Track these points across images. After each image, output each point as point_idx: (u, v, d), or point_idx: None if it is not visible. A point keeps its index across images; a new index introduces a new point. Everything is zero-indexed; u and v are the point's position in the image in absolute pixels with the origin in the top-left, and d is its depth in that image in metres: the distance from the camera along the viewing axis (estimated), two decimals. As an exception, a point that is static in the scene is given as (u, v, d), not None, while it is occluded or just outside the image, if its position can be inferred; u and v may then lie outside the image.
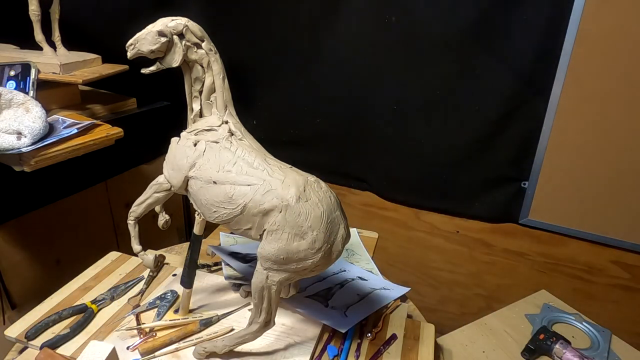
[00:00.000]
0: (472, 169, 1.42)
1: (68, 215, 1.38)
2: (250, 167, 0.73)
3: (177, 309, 0.92)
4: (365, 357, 0.84)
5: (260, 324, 0.75)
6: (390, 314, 0.96)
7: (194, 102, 0.82)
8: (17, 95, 0.98)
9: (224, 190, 0.72)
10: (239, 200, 0.70)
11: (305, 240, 0.67)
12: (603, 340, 1.05)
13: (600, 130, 1.22)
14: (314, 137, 1.60)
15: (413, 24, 1.32)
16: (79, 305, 0.93)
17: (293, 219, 0.67)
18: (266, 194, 0.69)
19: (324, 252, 0.68)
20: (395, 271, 1.68)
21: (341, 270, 1.11)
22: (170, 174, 0.81)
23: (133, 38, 0.77)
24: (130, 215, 0.87)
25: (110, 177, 1.50)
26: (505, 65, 1.27)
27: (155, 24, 0.77)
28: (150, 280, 1.02)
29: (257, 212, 0.69)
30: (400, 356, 0.84)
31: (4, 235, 1.22)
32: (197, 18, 1.53)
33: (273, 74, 1.58)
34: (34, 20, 1.23)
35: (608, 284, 1.38)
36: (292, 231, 0.67)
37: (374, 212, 1.65)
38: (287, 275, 0.71)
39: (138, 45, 0.77)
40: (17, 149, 0.94)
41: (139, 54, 0.78)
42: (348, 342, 0.87)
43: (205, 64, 0.80)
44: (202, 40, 0.79)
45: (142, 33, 0.77)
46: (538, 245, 1.43)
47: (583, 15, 1.14)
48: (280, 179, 0.70)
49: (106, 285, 1.01)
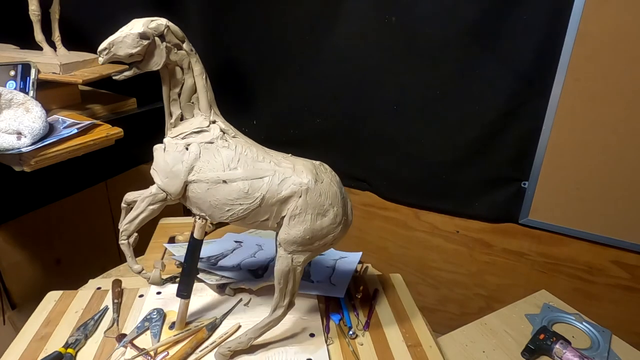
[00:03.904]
0: (472, 169, 1.42)
1: (68, 215, 1.38)
2: (255, 161, 0.75)
3: (171, 325, 0.87)
4: (362, 313, 0.95)
5: (285, 307, 0.79)
6: (363, 274, 1.09)
7: (172, 106, 0.79)
8: (17, 95, 0.98)
9: (237, 187, 0.73)
10: (255, 194, 0.73)
11: (327, 217, 0.74)
12: (603, 340, 1.05)
13: (600, 130, 1.22)
14: (314, 137, 1.60)
15: (413, 24, 1.32)
16: (52, 354, 0.80)
17: (314, 200, 0.73)
18: (282, 182, 0.73)
19: (343, 224, 0.77)
20: (395, 271, 1.68)
21: None
22: (165, 182, 0.77)
23: (107, 42, 0.71)
24: (123, 234, 0.81)
25: (110, 177, 1.50)
26: (505, 65, 1.27)
27: (133, 26, 0.72)
28: (117, 307, 0.93)
29: (276, 201, 0.73)
30: (389, 305, 0.98)
31: (4, 235, 1.22)
32: (197, 18, 1.54)
33: (273, 74, 1.58)
34: (34, 20, 1.23)
35: (608, 284, 1.38)
36: (314, 211, 0.73)
37: (374, 212, 1.65)
38: (310, 254, 0.76)
39: (114, 50, 0.71)
40: (17, 149, 0.94)
41: (115, 59, 0.73)
42: (344, 306, 0.96)
43: (185, 65, 0.77)
44: (183, 40, 0.76)
45: (118, 36, 0.71)
46: (538, 245, 1.43)
47: (583, 15, 1.14)
48: (290, 167, 0.74)
49: (67, 327, 0.89)
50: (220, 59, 1.62)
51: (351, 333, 0.87)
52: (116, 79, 0.75)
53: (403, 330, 0.90)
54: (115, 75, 0.76)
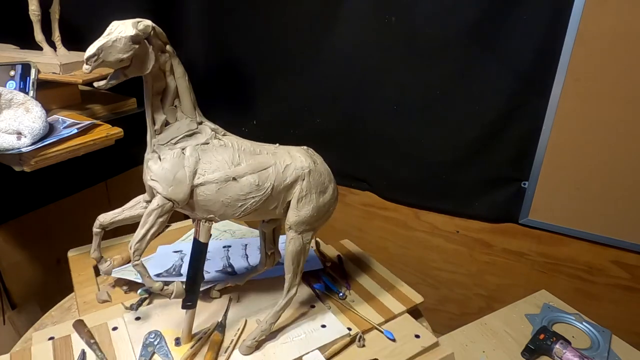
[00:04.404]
0: (472, 169, 1.42)
1: (68, 215, 1.38)
2: (252, 154, 0.77)
3: (176, 341, 0.84)
4: (341, 277, 1.04)
5: (297, 285, 0.84)
6: (319, 249, 1.16)
7: (156, 112, 0.74)
8: (17, 95, 0.98)
9: (247, 182, 0.75)
10: (265, 184, 0.76)
11: (327, 193, 0.82)
12: (603, 340, 1.05)
13: (600, 130, 1.22)
14: (314, 137, 1.60)
15: (413, 24, 1.32)
16: None
17: (317, 180, 0.80)
18: (285, 169, 0.78)
19: (337, 197, 0.85)
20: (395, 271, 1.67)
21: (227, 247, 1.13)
22: (171, 190, 0.74)
23: (95, 47, 0.65)
24: (136, 255, 0.75)
25: (110, 177, 1.50)
26: (505, 65, 1.27)
27: (123, 29, 0.67)
28: (97, 347, 0.82)
29: (283, 187, 0.78)
30: (354, 264, 1.09)
31: (4, 235, 1.22)
32: (197, 18, 1.54)
33: (273, 74, 1.58)
34: (34, 20, 1.23)
35: (608, 284, 1.38)
36: (317, 190, 0.80)
37: (374, 212, 1.65)
38: (314, 231, 0.83)
39: (103, 55, 0.66)
40: (17, 149, 0.94)
41: (103, 66, 0.67)
42: (323, 277, 1.03)
43: (168, 68, 0.73)
44: (167, 42, 0.72)
45: (106, 41, 0.65)
46: (538, 245, 1.43)
47: (583, 15, 1.14)
48: (286, 154, 0.79)
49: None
50: (220, 59, 1.62)
51: (341, 295, 0.96)
52: (101, 88, 0.69)
53: (376, 280, 1.04)
54: (98, 84, 0.69)
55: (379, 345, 0.86)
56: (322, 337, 0.85)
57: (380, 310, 0.94)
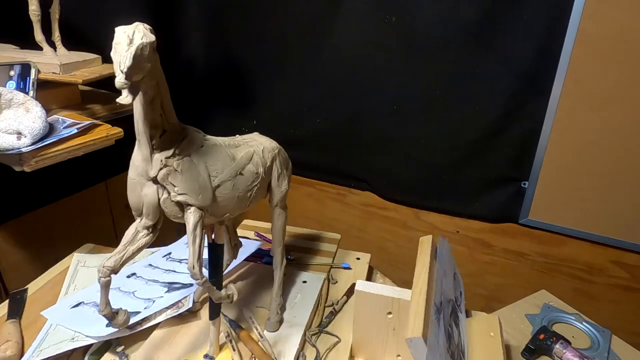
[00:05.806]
0: (472, 169, 1.42)
1: (68, 215, 1.38)
2: (236, 147, 0.81)
3: (205, 356, 0.81)
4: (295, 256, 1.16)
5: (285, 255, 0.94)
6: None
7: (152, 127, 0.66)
8: (17, 95, 0.98)
9: (249, 172, 0.80)
10: (259, 170, 0.82)
11: (289, 166, 0.92)
12: (603, 340, 1.05)
13: (600, 130, 1.22)
14: (314, 136, 1.60)
15: (413, 24, 1.32)
16: None
17: (284, 157, 0.90)
18: (263, 152, 0.84)
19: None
20: (395, 271, 1.68)
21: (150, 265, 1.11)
22: (202, 199, 0.71)
23: (126, 67, 0.54)
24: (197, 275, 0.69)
25: (110, 177, 1.50)
26: (505, 65, 1.27)
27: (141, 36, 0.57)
28: None
29: (267, 168, 0.85)
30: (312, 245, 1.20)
31: (4, 235, 1.22)
32: (197, 18, 1.54)
33: (273, 73, 1.58)
34: (34, 20, 1.23)
35: (608, 284, 1.38)
36: (286, 165, 0.90)
37: (374, 212, 1.65)
38: None
39: (135, 72, 0.56)
40: (17, 149, 0.94)
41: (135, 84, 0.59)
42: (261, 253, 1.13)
43: (154, 70, 0.63)
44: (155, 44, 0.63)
45: (131, 55, 0.55)
46: (538, 245, 1.43)
47: (583, 16, 1.14)
48: (253, 141, 0.86)
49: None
50: (220, 59, 1.62)
51: (289, 258, 1.10)
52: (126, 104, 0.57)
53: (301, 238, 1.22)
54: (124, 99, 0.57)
55: (343, 277, 1.08)
56: (313, 290, 1.00)
57: (325, 255, 1.15)
